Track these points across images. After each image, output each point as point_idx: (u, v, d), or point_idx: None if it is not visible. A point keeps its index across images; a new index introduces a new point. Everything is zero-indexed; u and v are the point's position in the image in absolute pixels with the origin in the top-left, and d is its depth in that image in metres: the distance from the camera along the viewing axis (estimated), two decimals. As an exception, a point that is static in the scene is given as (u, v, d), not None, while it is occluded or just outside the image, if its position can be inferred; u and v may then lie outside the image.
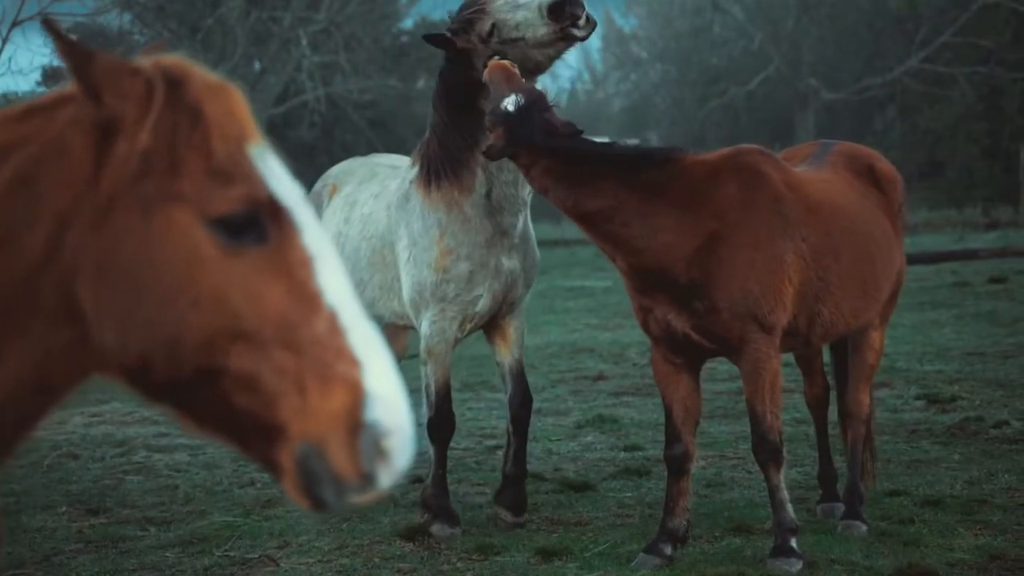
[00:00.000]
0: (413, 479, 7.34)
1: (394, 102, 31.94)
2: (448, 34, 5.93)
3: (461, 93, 5.96)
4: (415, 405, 6.71)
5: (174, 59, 1.78)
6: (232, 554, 5.85)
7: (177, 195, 1.70)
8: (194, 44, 26.67)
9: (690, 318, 5.25)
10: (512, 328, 6.29)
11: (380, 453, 1.67)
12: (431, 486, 6.21)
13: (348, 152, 7.83)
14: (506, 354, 6.29)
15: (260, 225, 1.71)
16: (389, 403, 1.68)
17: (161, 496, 7.00)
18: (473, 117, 5.85)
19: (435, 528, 6.07)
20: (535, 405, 9.74)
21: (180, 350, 1.68)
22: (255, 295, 1.69)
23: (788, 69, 39.37)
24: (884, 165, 6.08)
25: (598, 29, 5.95)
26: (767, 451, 5.33)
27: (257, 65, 28.30)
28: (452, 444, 7.38)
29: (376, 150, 8.41)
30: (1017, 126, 32.39)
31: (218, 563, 5.75)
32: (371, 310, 6.44)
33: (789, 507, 5.37)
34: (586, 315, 15.84)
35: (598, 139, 5.49)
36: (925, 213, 32.23)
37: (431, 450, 6.26)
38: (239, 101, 1.77)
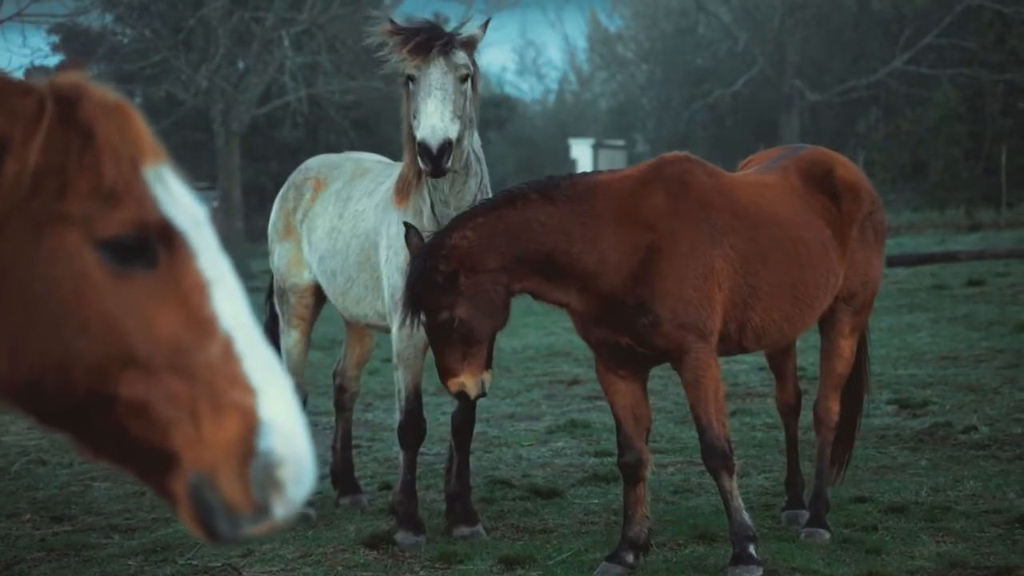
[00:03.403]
0: (382, 485, 7.33)
1: (378, 103, 31.87)
2: None
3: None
4: (389, 409, 6.57)
5: (71, 78, 1.76)
6: (195, 563, 5.83)
7: (65, 217, 1.67)
8: (176, 44, 26.56)
9: (634, 334, 5.32)
10: None
11: (273, 483, 1.64)
12: (399, 492, 6.21)
13: (333, 153, 7.77)
14: None
15: (150, 249, 1.69)
16: (284, 431, 1.65)
17: (127, 503, 6.97)
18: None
19: (399, 536, 6.06)
20: (509, 409, 9.82)
21: (70, 375, 1.66)
22: (146, 321, 1.67)
23: (773, 70, 39.39)
24: (846, 172, 6.04)
25: (584, 29, 6.06)
26: (716, 458, 5.34)
27: (241, 64, 28.19)
28: (423, 450, 7.37)
29: (359, 151, 8.37)
30: (999, 128, 32.46)
31: (181, 572, 5.74)
32: (357, 307, 6.44)
33: (745, 514, 5.37)
34: (564, 318, 15.77)
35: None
36: (908, 215, 32.30)
37: (401, 455, 6.26)
38: (136, 121, 1.74)
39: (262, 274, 17.33)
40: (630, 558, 5.47)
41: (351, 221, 6.48)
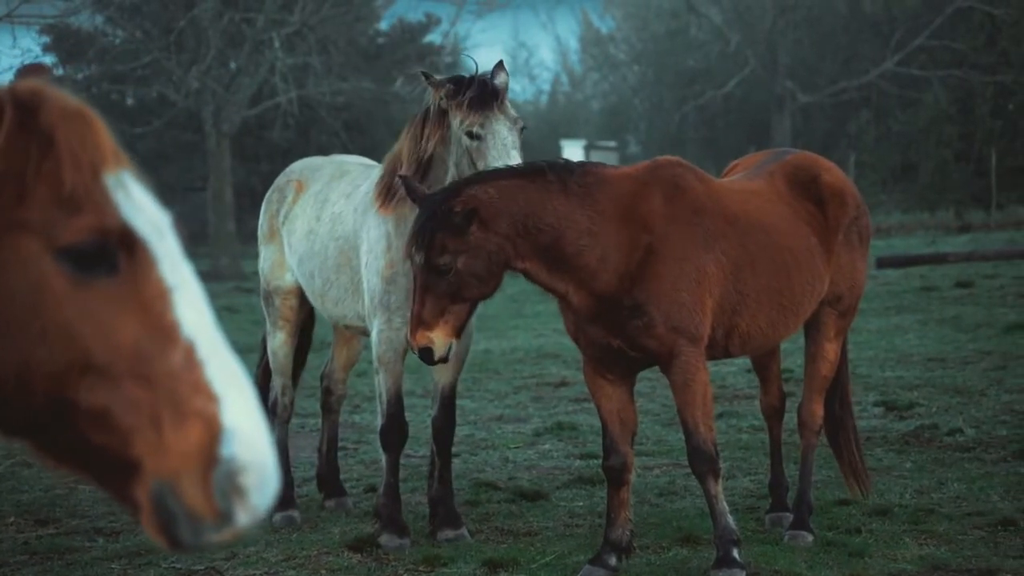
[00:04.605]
0: (367, 488, 7.33)
1: (369, 104, 31.84)
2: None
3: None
4: (376, 412, 6.47)
5: (31, 84, 1.75)
6: (178, 566, 5.82)
7: (24, 224, 1.66)
8: (167, 45, 26.54)
9: (626, 336, 5.33)
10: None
11: (236, 490, 1.63)
12: (383, 495, 6.21)
13: (324, 155, 7.79)
14: (443, 374, 6.30)
15: (111, 256, 1.68)
16: (247, 438, 1.64)
17: (111, 506, 6.95)
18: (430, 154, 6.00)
19: (383, 539, 6.06)
20: (496, 412, 9.81)
21: (29, 382, 1.65)
22: (106, 328, 1.66)
23: (764, 72, 39.43)
24: (831, 178, 6.05)
25: (576, 30, 6.13)
26: (702, 462, 5.35)
27: (232, 65, 28.18)
28: (410, 452, 7.37)
29: (351, 153, 8.37)
30: (990, 129, 32.53)
31: (164, 575, 5.73)
32: (336, 309, 6.46)
33: (729, 518, 5.38)
34: (554, 320, 15.79)
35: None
36: (898, 216, 32.35)
37: (384, 458, 6.27)
38: (97, 128, 1.73)
39: (253, 275, 17.32)
40: (612, 561, 5.48)
41: (328, 224, 6.49)
